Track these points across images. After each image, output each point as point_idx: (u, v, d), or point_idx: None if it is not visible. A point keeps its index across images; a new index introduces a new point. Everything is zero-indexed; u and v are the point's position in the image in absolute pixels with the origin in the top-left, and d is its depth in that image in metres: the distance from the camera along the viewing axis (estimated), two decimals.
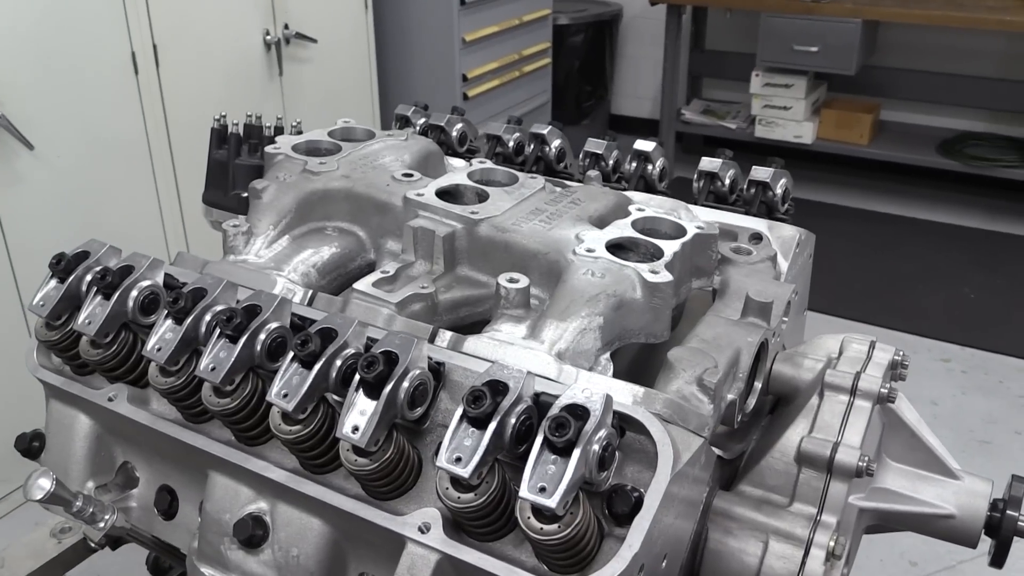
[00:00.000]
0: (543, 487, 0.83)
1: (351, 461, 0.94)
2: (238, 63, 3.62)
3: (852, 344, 1.16)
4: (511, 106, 5.01)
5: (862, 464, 1.02)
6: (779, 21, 5.24)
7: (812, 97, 5.59)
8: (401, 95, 4.60)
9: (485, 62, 4.71)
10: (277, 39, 3.74)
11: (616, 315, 1.09)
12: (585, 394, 0.87)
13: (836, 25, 5.10)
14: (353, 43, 4.20)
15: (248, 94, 3.69)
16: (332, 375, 0.97)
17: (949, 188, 5.69)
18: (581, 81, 6.18)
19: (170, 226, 3.41)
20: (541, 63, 5.25)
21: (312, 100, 3.99)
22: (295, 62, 3.87)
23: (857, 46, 5.10)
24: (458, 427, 0.88)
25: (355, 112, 4.28)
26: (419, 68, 4.55)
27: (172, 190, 3.38)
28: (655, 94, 6.51)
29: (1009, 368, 4.14)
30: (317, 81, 4.01)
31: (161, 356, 1.03)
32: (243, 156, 1.44)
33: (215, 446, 1.05)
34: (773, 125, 5.66)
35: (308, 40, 3.87)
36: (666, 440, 0.91)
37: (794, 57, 5.28)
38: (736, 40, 6.04)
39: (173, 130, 3.33)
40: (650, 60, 6.44)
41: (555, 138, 1.62)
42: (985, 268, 4.97)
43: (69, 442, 1.19)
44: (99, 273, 1.10)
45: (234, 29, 3.58)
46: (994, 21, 4.86)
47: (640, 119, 6.63)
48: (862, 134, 5.58)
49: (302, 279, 1.23)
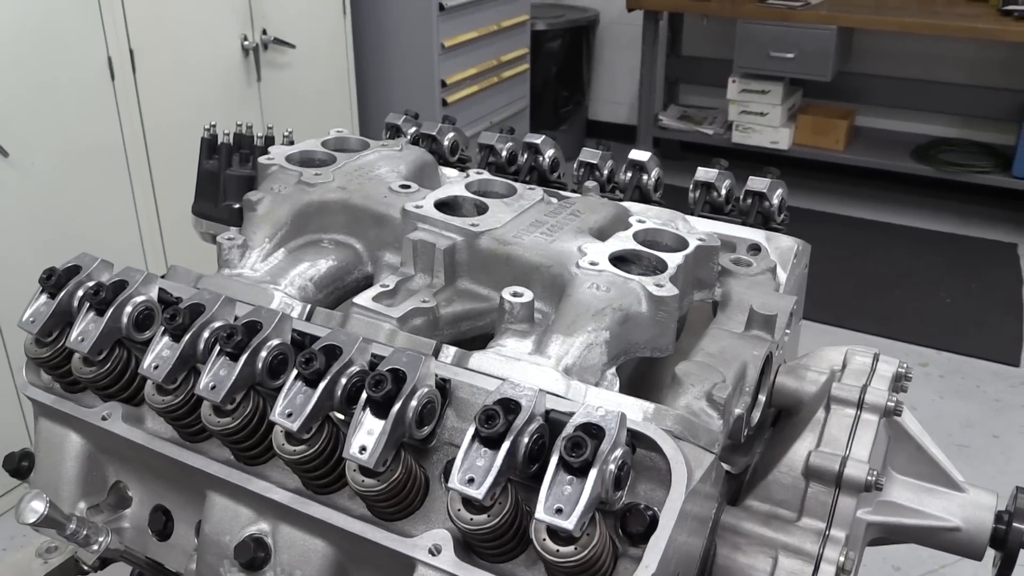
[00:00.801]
0: (559, 508, 0.81)
1: (358, 482, 0.92)
2: (216, 69, 3.58)
3: (856, 356, 1.16)
4: (490, 112, 5.00)
5: (871, 478, 1.02)
6: (756, 27, 5.28)
7: (788, 103, 5.63)
8: (380, 101, 4.58)
9: (464, 68, 4.70)
10: (255, 45, 3.70)
11: (622, 329, 1.08)
12: (599, 412, 0.86)
13: (812, 32, 5.14)
14: (331, 49, 4.17)
15: (226, 100, 3.65)
16: (337, 393, 0.95)
17: (923, 193, 5.76)
18: (558, 87, 6.18)
19: (147, 234, 3.36)
20: (519, 69, 5.24)
21: (291, 106, 3.95)
22: (273, 68, 3.83)
23: (833, 52, 5.15)
24: (470, 447, 0.86)
25: (334, 118, 4.25)
26: (398, 74, 4.53)
27: (149, 197, 3.34)
28: (632, 100, 6.54)
29: (985, 372, 4.18)
30: (296, 87, 3.97)
31: (158, 374, 1.01)
32: (234, 166, 1.41)
33: (215, 466, 1.03)
34: (750, 131, 5.70)
35: (286, 46, 3.84)
36: (679, 458, 0.90)
37: (770, 63, 5.32)
38: (712, 46, 6.07)
39: (150, 137, 3.28)
40: (626, 66, 6.46)
41: (549, 148, 1.61)
42: (960, 272, 5.03)
43: (60, 462, 1.16)
44: (92, 288, 1.08)
45: (212, 35, 3.53)
46: (966, 28, 4.92)
47: (617, 125, 6.65)
48: (838, 140, 5.63)
49: (299, 293, 1.21)
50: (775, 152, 5.66)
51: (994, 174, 5.30)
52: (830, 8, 5.22)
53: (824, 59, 5.17)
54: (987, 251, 5.27)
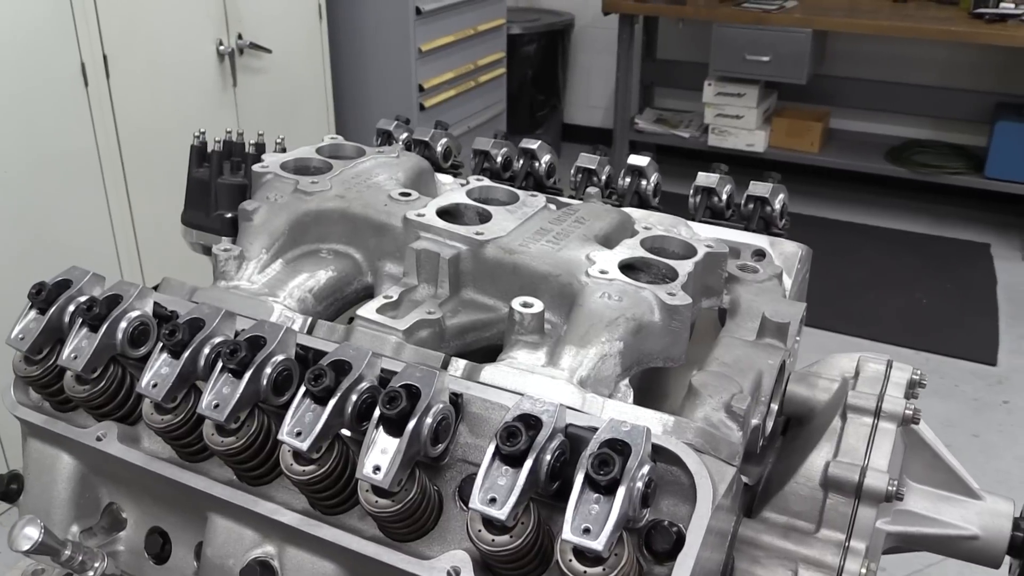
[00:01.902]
0: (587, 528, 0.79)
1: (371, 503, 0.89)
2: (191, 74, 3.52)
3: (869, 364, 1.14)
4: (467, 116, 4.97)
5: (891, 488, 1.00)
6: (731, 31, 5.30)
7: (763, 106, 5.66)
8: (357, 105, 4.53)
9: (441, 72, 4.66)
10: (231, 49, 3.64)
11: (635, 339, 1.05)
12: (625, 428, 0.83)
13: (787, 35, 5.17)
14: (308, 53, 4.12)
15: (202, 105, 3.59)
16: (348, 411, 0.91)
17: (897, 194, 5.80)
18: (534, 91, 6.16)
19: (122, 241, 3.29)
20: (496, 73, 5.22)
21: (267, 111, 3.90)
22: (249, 72, 3.77)
23: (807, 55, 5.18)
24: (491, 466, 0.83)
25: (311, 123, 4.20)
26: (375, 78, 4.49)
27: (124, 204, 3.26)
28: (607, 103, 6.53)
29: (963, 372, 4.21)
30: (272, 92, 3.91)
31: (157, 393, 0.97)
32: (225, 174, 1.37)
33: (218, 488, 0.99)
34: (726, 134, 5.71)
35: (262, 50, 3.78)
36: (704, 473, 0.88)
37: (746, 67, 5.34)
38: (687, 50, 6.09)
39: (125, 143, 3.21)
40: (602, 69, 6.46)
41: (545, 153, 1.58)
42: (935, 273, 5.07)
43: (51, 484, 1.11)
44: (85, 304, 1.03)
45: (186, 39, 3.47)
46: (939, 31, 4.97)
47: (593, 128, 6.64)
48: (812, 142, 5.66)
49: (298, 305, 1.17)
50: (751, 155, 5.68)
51: (967, 175, 5.35)
52: (804, 11, 5.25)
53: (799, 62, 5.20)
54: (961, 251, 5.32)
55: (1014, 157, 5.13)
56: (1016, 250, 5.27)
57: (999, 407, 3.97)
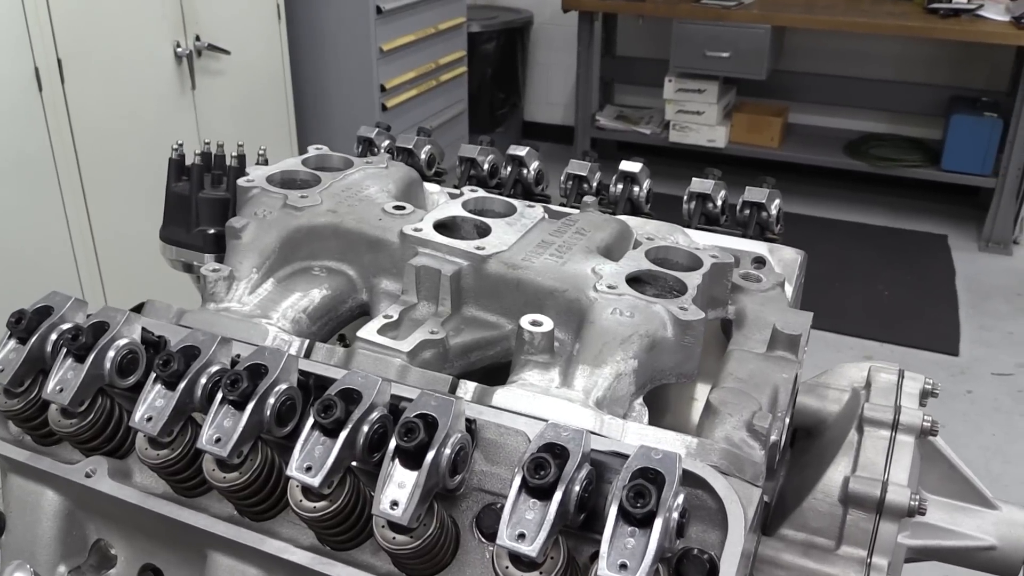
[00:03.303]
0: (624, 564, 0.75)
1: (388, 539, 0.85)
2: (148, 77, 3.42)
3: (880, 374, 1.12)
4: (429, 116, 4.91)
5: (914, 503, 0.98)
6: (691, 27, 5.31)
7: (724, 102, 5.68)
8: (318, 107, 4.46)
9: (403, 72, 4.60)
10: (189, 51, 3.55)
11: (648, 356, 1.02)
12: (656, 456, 0.80)
13: (746, 31, 5.19)
14: (267, 55, 4.03)
15: (160, 109, 3.49)
16: (359, 443, 0.87)
17: (856, 188, 5.87)
18: (494, 89, 6.12)
19: (80, 251, 3.19)
20: (457, 72, 5.17)
21: (227, 114, 3.81)
22: (208, 75, 3.68)
23: (767, 51, 5.21)
24: (518, 498, 0.79)
25: (271, 125, 4.11)
26: (336, 79, 4.41)
27: (82, 212, 3.16)
28: (567, 100, 6.52)
29: (927, 362, 4.27)
30: (232, 94, 3.82)
31: (153, 427, 0.91)
32: (206, 188, 1.31)
33: (221, 526, 0.93)
34: (687, 130, 5.73)
35: (221, 52, 3.69)
36: (733, 497, 0.85)
37: (706, 63, 5.36)
38: (647, 46, 6.09)
39: (81, 149, 3.11)
40: (561, 66, 6.44)
41: (533, 160, 1.54)
42: (895, 265, 5.13)
43: (35, 523, 1.05)
44: (70, 333, 0.97)
45: (143, 41, 3.37)
46: (895, 26, 5.03)
47: (553, 126, 6.63)
48: (772, 137, 5.70)
49: (292, 327, 1.12)
50: (712, 150, 5.70)
51: (923, 168, 5.43)
52: (763, 8, 5.28)
53: (759, 58, 5.23)
54: (920, 243, 5.39)
55: (969, 150, 5.22)
56: (972, 241, 5.36)
57: (962, 397, 4.03)
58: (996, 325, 4.55)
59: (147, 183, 3.46)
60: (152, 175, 3.48)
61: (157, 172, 3.69)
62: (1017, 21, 4.76)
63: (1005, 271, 5.07)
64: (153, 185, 3.44)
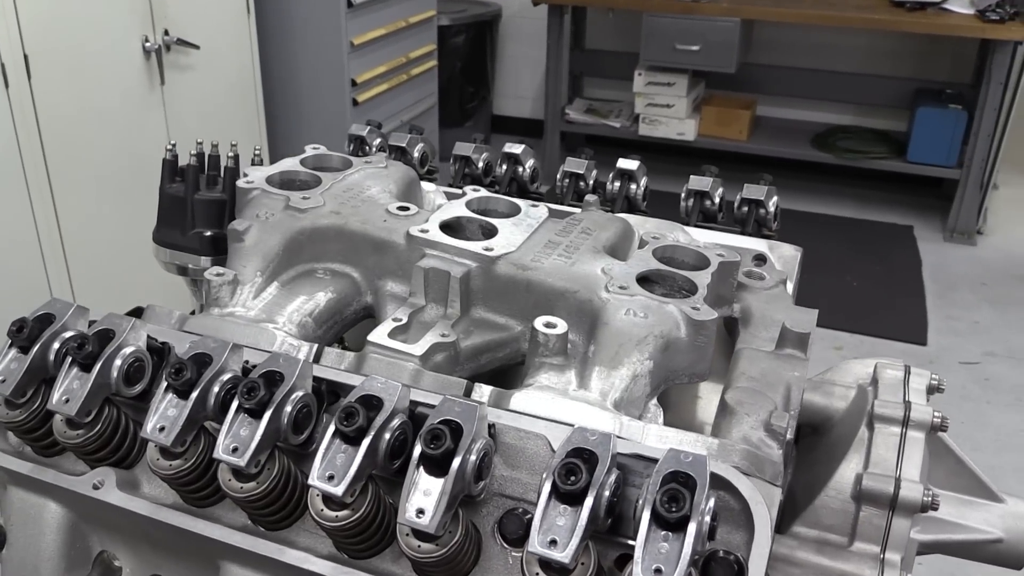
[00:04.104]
0: (659, 569, 0.75)
1: (413, 547, 0.84)
2: (117, 73, 3.35)
3: (887, 370, 1.13)
4: (400, 110, 4.87)
5: (927, 499, 0.99)
6: (661, 21, 5.32)
7: (693, 95, 5.71)
8: (288, 103, 4.40)
9: (373, 66, 4.56)
10: (157, 46, 3.48)
11: (663, 357, 1.02)
12: (686, 459, 0.80)
13: (716, 24, 5.22)
14: (236, 49, 3.97)
15: (129, 105, 3.42)
16: (381, 450, 0.86)
17: (823, 180, 5.93)
18: (464, 82, 6.10)
19: (48, 250, 3.12)
20: (428, 65, 5.13)
21: (196, 109, 3.74)
22: (177, 70, 3.61)
23: (736, 44, 5.23)
24: (548, 505, 0.79)
25: (241, 121, 4.05)
26: (306, 73, 4.36)
27: (50, 211, 3.09)
28: (535, 94, 6.51)
29: (896, 352, 4.32)
30: (201, 90, 3.76)
31: (166, 437, 0.89)
32: (202, 189, 1.28)
33: (237, 536, 0.92)
34: (656, 123, 5.75)
35: (190, 47, 3.63)
36: (758, 499, 0.85)
37: (676, 56, 5.37)
38: (616, 39, 6.10)
39: (49, 146, 3.04)
40: (529, 60, 6.43)
41: (528, 158, 1.53)
42: (863, 256, 5.20)
43: (38, 536, 1.02)
44: (76, 341, 0.95)
45: (111, 37, 3.30)
46: (862, 19, 5.08)
47: (522, 119, 6.61)
48: (741, 130, 5.74)
49: (299, 331, 1.11)
50: (682, 143, 5.72)
51: (890, 159, 5.50)
52: (732, 1, 5.30)
53: (728, 51, 5.26)
54: (887, 234, 5.47)
55: (934, 142, 5.29)
56: (938, 231, 5.45)
57: None
58: (962, 315, 4.63)
59: (117, 181, 3.40)
60: (122, 172, 3.43)
61: (127, 169, 3.63)
62: (981, 14, 4.83)
63: (970, 261, 5.16)
64: (123, 183, 3.40)
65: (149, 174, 3.67)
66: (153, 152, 3.52)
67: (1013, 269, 5.05)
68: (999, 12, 4.81)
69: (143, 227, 3.53)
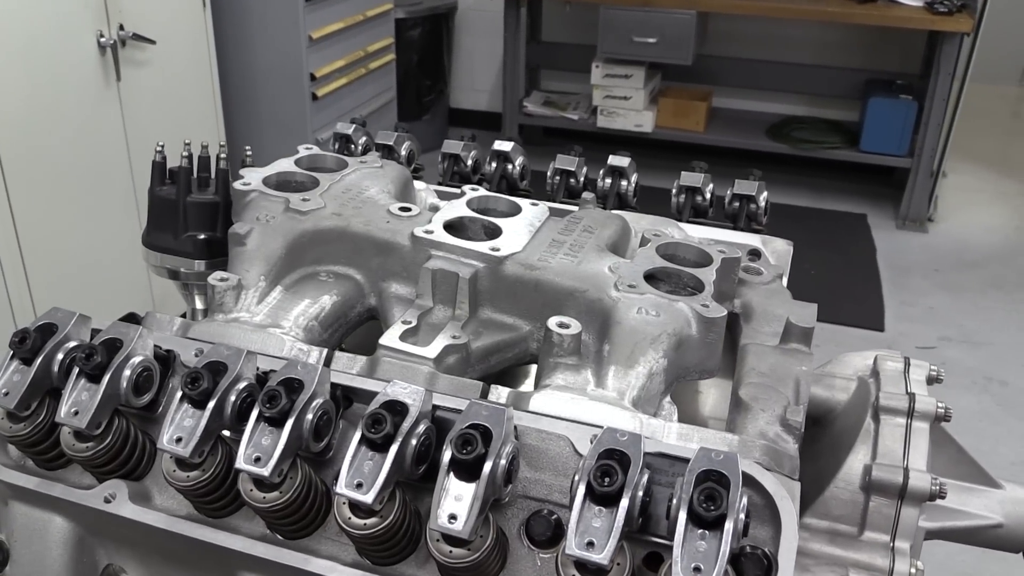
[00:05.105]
0: (698, 567, 0.76)
1: (445, 553, 0.83)
2: (71, 69, 3.26)
3: (887, 362, 1.15)
4: (359, 104, 4.83)
5: (935, 488, 1.01)
6: (618, 13, 5.34)
7: (650, 87, 5.74)
8: (246, 98, 4.34)
9: (332, 60, 4.51)
10: (112, 41, 3.39)
11: (676, 355, 1.03)
12: (718, 458, 0.80)
13: (672, 17, 5.25)
14: (193, 44, 3.89)
15: (84, 102, 3.34)
16: (408, 456, 0.85)
17: (778, 169, 6.00)
18: (420, 76, 6.06)
19: (4, 253, 3.03)
20: (386, 59, 5.09)
21: (154, 106, 3.66)
22: (133, 66, 3.53)
23: (693, 36, 5.28)
24: (583, 507, 0.79)
25: (198, 117, 3.98)
26: (264, 68, 4.29)
27: (5, 212, 3.01)
28: (492, 87, 6.50)
29: (856, 338, 4.41)
30: (158, 85, 3.68)
31: (185, 450, 0.87)
32: (194, 192, 1.26)
33: (259, 547, 0.90)
34: (614, 115, 5.77)
35: (146, 41, 3.55)
36: (783, 494, 0.86)
37: (633, 48, 5.40)
38: (572, 32, 6.11)
39: (3, 145, 2.95)
40: (485, 52, 6.41)
41: (518, 155, 1.53)
42: (819, 245, 5.28)
43: (43, 551, 1.00)
44: (84, 351, 0.92)
45: (65, 32, 3.21)
46: (815, 11, 5.16)
47: (479, 112, 6.60)
48: (698, 121, 5.80)
49: (305, 335, 1.09)
50: (640, 135, 5.76)
51: (843, 149, 5.60)
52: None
53: (685, 43, 5.30)
54: (841, 222, 5.57)
55: (885, 131, 5.40)
56: (890, 219, 5.56)
57: None
58: (917, 300, 4.74)
59: (74, 180, 3.32)
60: (79, 172, 3.35)
61: (84, 168, 3.54)
62: (930, 6, 4.93)
63: (922, 248, 5.28)
64: (81, 182, 3.32)
65: (107, 172, 3.59)
66: (110, 150, 3.47)
67: (963, 255, 5.18)
68: (947, 4, 4.92)
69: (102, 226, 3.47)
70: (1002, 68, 7.51)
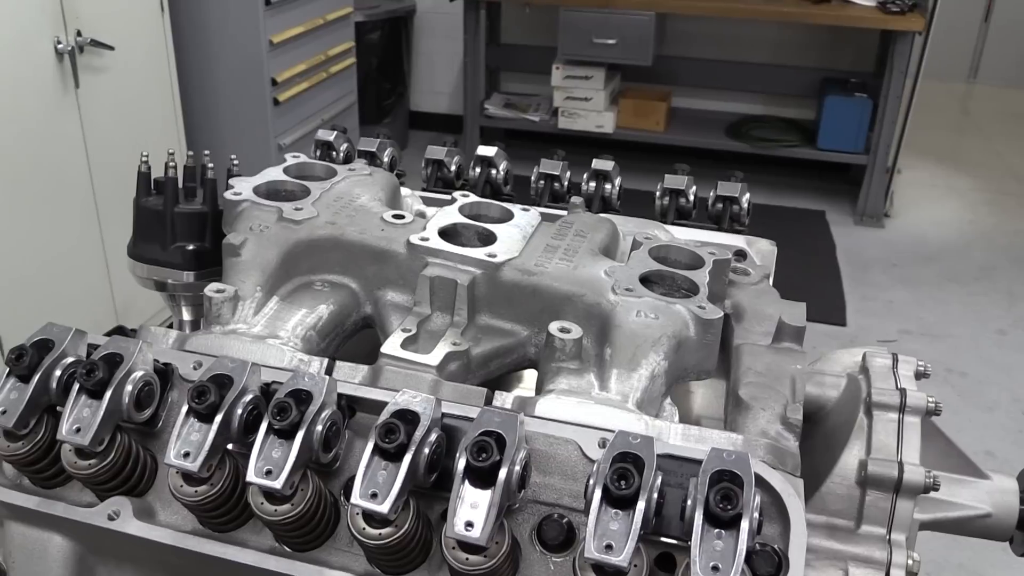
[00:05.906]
0: (716, 566, 0.77)
1: (461, 560, 0.83)
2: (28, 76, 3.20)
3: (876, 359, 1.18)
4: (321, 108, 4.80)
5: (929, 481, 1.04)
6: (577, 15, 5.37)
7: (610, 87, 5.78)
8: (207, 104, 4.28)
9: (293, 64, 4.47)
10: (70, 47, 3.34)
11: (675, 356, 1.04)
12: (730, 458, 0.82)
13: (632, 18, 5.30)
14: (151, 50, 3.84)
15: (42, 111, 3.28)
16: (421, 465, 0.85)
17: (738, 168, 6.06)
18: (380, 79, 6.04)
19: None
20: (346, 63, 5.06)
21: (112, 113, 3.61)
22: (92, 72, 3.48)
23: (652, 37, 5.33)
24: (600, 511, 0.80)
25: (159, 124, 3.92)
26: (225, 73, 4.25)
27: None
28: (452, 89, 6.50)
29: (819, 334, 4.48)
30: (117, 92, 3.63)
31: (194, 464, 0.87)
32: (181, 202, 1.24)
33: (271, 560, 0.90)
34: (575, 116, 5.81)
35: (104, 48, 3.49)
36: (790, 491, 0.88)
37: (593, 50, 5.44)
38: (532, 34, 6.13)
39: None
40: (444, 55, 6.41)
41: (502, 160, 1.54)
42: (779, 241, 5.33)
43: (44, 572, 0.98)
44: (85, 367, 0.91)
45: (20, 38, 3.15)
46: (772, 12, 5.24)
47: (440, 115, 6.59)
48: (658, 121, 5.85)
49: (303, 345, 1.09)
50: (601, 136, 5.80)
51: (801, 147, 5.69)
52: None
53: (644, 44, 5.35)
54: (800, 219, 5.65)
55: (842, 129, 5.50)
56: (848, 215, 5.66)
57: None
58: (877, 295, 4.83)
59: (32, 188, 3.26)
60: (38, 180, 3.29)
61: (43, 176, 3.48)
62: (883, 6, 5.03)
63: (880, 243, 5.38)
64: (39, 191, 3.25)
65: (66, 181, 3.53)
66: (69, 158, 3.41)
67: (919, 249, 5.29)
68: (899, 4, 5.02)
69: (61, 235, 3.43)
70: (951, 66, 7.69)
